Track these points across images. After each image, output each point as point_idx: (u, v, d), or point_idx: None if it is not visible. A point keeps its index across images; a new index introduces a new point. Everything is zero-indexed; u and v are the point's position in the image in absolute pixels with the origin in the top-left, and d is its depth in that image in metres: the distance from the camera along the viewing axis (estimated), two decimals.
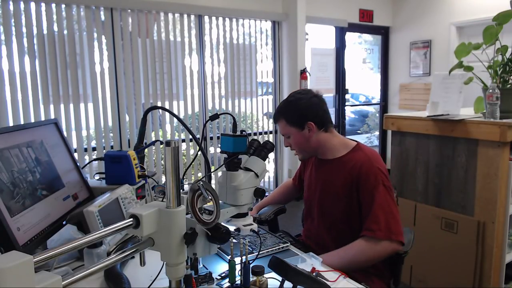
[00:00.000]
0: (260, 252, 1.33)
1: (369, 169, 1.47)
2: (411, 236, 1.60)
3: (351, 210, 1.52)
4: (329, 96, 5.67)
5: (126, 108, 3.81)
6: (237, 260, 1.13)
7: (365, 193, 1.47)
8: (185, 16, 4.04)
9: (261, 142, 1.29)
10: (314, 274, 1.11)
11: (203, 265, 1.23)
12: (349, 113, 7.26)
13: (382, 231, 1.40)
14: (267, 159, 1.25)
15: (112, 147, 3.78)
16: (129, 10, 3.73)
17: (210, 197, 0.87)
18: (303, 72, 4.57)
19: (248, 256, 1.08)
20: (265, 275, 1.09)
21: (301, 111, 1.55)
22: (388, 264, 1.62)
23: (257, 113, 4.79)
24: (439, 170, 2.36)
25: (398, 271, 1.59)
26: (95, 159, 1.87)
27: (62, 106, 3.48)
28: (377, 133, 6.51)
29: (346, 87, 5.52)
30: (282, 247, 1.41)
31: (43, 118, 3.36)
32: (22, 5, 3.23)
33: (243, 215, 1.19)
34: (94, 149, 3.73)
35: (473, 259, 2.19)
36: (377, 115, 6.53)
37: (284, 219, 2.00)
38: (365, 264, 1.45)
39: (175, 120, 4.01)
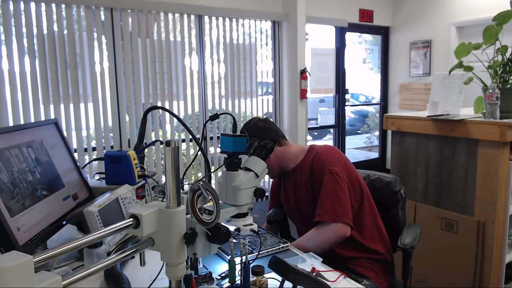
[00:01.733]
0: (260, 252, 1.33)
1: (317, 162, 1.58)
2: (418, 231, 1.61)
3: None
4: (329, 96, 5.68)
5: (126, 108, 3.81)
6: (237, 260, 1.13)
7: (316, 184, 1.58)
8: (185, 16, 4.04)
9: (261, 142, 1.29)
10: (314, 274, 1.11)
11: (203, 265, 1.23)
12: (349, 113, 7.26)
13: (328, 215, 1.49)
14: (267, 159, 1.25)
15: (112, 147, 3.77)
16: (129, 10, 3.73)
17: (210, 197, 0.87)
18: (303, 72, 4.57)
19: (248, 256, 1.08)
20: (265, 275, 1.09)
21: (254, 135, 1.56)
22: (391, 260, 1.63)
23: (257, 113, 4.79)
24: (439, 170, 2.36)
25: (406, 266, 1.60)
26: (95, 159, 1.87)
27: (62, 106, 3.48)
28: (377, 133, 6.51)
29: (346, 87, 5.52)
30: (282, 247, 1.41)
31: (43, 118, 3.36)
32: (22, 5, 3.23)
33: (243, 215, 1.19)
34: (94, 149, 3.73)
35: (473, 259, 2.19)
36: (377, 115, 6.53)
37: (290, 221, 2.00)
38: (320, 249, 1.48)
39: (175, 120, 4.00)
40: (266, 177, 4.84)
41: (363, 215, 1.60)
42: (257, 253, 1.31)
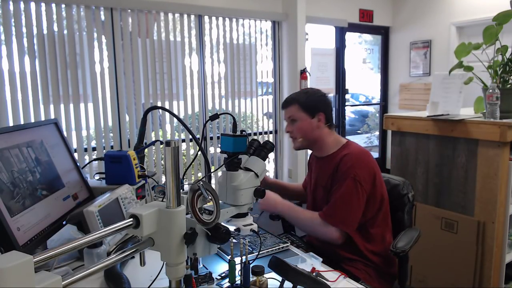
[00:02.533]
0: (260, 252, 1.33)
1: (347, 161, 1.57)
2: (414, 235, 1.60)
3: None
4: (329, 96, 5.67)
5: (126, 108, 3.81)
6: (237, 260, 1.13)
7: (335, 182, 1.58)
8: (185, 16, 4.04)
9: (261, 142, 1.29)
10: (314, 274, 1.11)
11: (203, 265, 1.23)
12: (349, 113, 7.26)
13: (332, 218, 1.53)
14: (267, 159, 1.25)
15: (112, 147, 3.78)
16: (129, 10, 3.73)
17: (210, 197, 0.87)
18: (303, 72, 4.57)
19: (248, 256, 1.08)
20: (265, 275, 1.09)
21: (316, 101, 1.66)
22: (391, 263, 1.62)
23: (257, 113, 4.79)
24: (439, 170, 2.36)
25: (403, 270, 1.59)
26: (95, 159, 1.87)
27: (62, 106, 3.48)
28: (377, 133, 6.51)
29: (346, 87, 5.52)
30: (282, 247, 1.41)
31: (43, 118, 3.36)
32: (22, 5, 3.23)
33: (243, 215, 1.19)
34: (94, 149, 3.73)
35: (473, 259, 2.19)
36: (377, 115, 6.53)
37: None
38: (310, 234, 1.64)
39: (175, 120, 4.00)
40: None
41: (373, 227, 1.59)
42: (257, 253, 1.31)
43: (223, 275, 1.18)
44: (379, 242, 1.60)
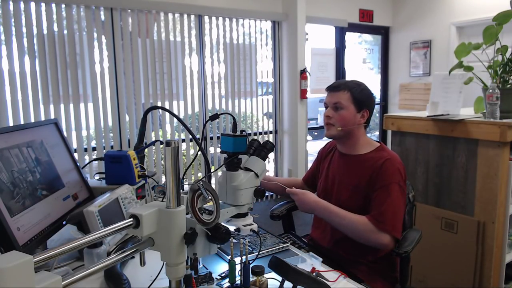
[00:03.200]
0: (260, 252, 1.33)
1: (390, 166, 1.52)
2: (416, 236, 1.61)
3: (368, 203, 1.54)
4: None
5: (126, 108, 3.81)
6: (237, 260, 1.13)
7: (379, 185, 1.50)
8: (185, 16, 4.04)
9: (261, 142, 1.29)
10: (314, 274, 1.11)
11: (203, 265, 1.23)
12: None
13: (386, 224, 1.44)
14: (267, 159, 1.25)
15: (112, 147, 3.78)
16: (129, 10, 3.73)
17: (210, 197, 0.87)
18: (303, 72, 4.57)
19: (248, 256, 1.08)
20: (265, 275, 1.09)
21: (367, 97, 1.62)
22: (393, 264, 1.62)
23: (257, 113, 4.79)
24: (439, 170, 2.36)
25: (405, 270, 1.59)
26: (95, 159, 1.87)
27: (62, 106, 3.48)
28: (377, 133, 6.51)
29: None
30: (282, 247, 1.41)
31: (43, 118, 3.36)
32: (22, 5, 3.23)
33: (243, 215, 1.19)
34: (94, 149, 3.73)
35: (473, 259, 2.19)
36: (377, 115, 6.53)
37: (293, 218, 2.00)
38: (358, 239, 1.48)
39: (175, 120, 4.00)
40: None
41: None
42: (257, 253, 1.31)
43: (223, 275, 1.18)
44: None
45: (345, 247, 1.57)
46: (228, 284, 1.12)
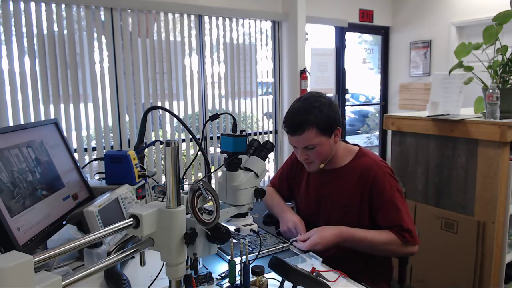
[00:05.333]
0: (260, 252, 1.33)
1: (382, 175, 1.46)
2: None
3: (362, 220, 1.49)
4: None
5: (126, 108, 3.81)
6: (237, 260, 1.13)
7: (382, 201, 1.45)
8: (185, 16, 4.03)
9: (261, 142, 1.29)
10: (314, 274, 1.11)
11: (203, 265, 1.23)
12: (349, 113, 7.27)
13: (413, 238, 1.43)
14: (267, 159, 1.25)
15: (112, 147, 3.77)
16: (129, 10, 3.73)
17: (210, 197, 0.87)
18: (303, 72, 4.57)
19: (248, 256, 1.08)
20: (265, 275, 1.09)
21: (332, 117, 1.43)
22: (389, 267, 1.62)
23: (257, 113, 4.79)
24: (439, 170, 2.36)
25: (402, 271, 1.59)
26: (95, 159, 1.87)
27: (62, 106, 3.47)
28: (377, 133, 6.51)
29: (346, 87, 5.52)
30: (282, 247, 1.41)
31: (43, 118, 3.36)
32: (22, 5, 3.23)
33: (243, 215, 1.19)
34: (94, 149, 3.73)
35: (473, 259, 2.19)
36: (377, 115, 6.53)
37: None
38: (386, 253, 1.47)
39: (175, 120, 4.00)
40: (266, 177, 4.85)
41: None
42: (257, 253, 1.31)
43: (223, 275, 1.18)
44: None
45: (344, 252, 1.51)
46: (228, 284, 1.12)
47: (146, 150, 1.65)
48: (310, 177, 1.63)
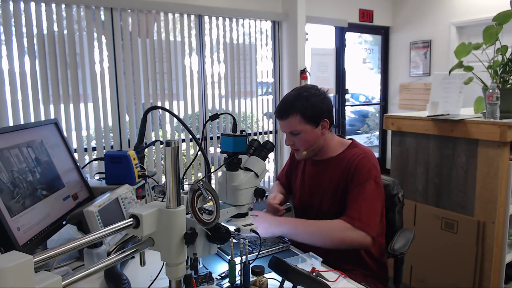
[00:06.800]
0: (260, 252, 1.33)
1: (365, 163, 1.46)
2: (410, 236, 1.60)
3: (344, 206, 1.48)
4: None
5: (126, 108, 3.81)
6: (237, 260, 1.13)
7: (355, 183, 1.45)
8: (185, 16, 4.03)
9: (261, 142, 1.29)
10: (314, 274, 1.11)
11: (203, 265, 1.23)
12: (349, 113, 7.26)
13: (361, 221, 1.38)
14: (267, 159, 1.25)
15: (112, 147, 3.77)
16: (129, 10, 3.73)
17: (210, 197, 0.87)
18: (303, 72, 4.57)
19: (248, 256, 1.08)
20: (265, 275, 1.09)
21: (319, 109, 1.48)
22: (385, 267, 1.62)
23: (257, 113, 4.79)
24: (439, 170, 2.36)
25: (398, 271, 1.59)
26: (95, 159, 1.87)
27: (62, 106, 3.47)
28: (377, 133, 6.51)
29: (346, 87, 5.52)
30: (282, 247, 1.41)
31: (43, 118, 3.36)
32: (22, 5, 3.23)
33: (243, 215, 1.19)
34: (94, 149, 3.73)
35: (473, 259, 2.19)
36: (377, 115, 6.53)
37: None
38: (334, 244, 1.40)
39: (175, 120, 4.00)
40: (266, 177, 4.85)
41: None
42: (257, 253, 1.31)
43: (223, 275, 1.18)
44: (375, 245, 1.52)
45: (342, 253, 1.49)
46: (228, 284, 1.12)
47: (146, 150, 1.65)
48: (305, 169, 1.67)
